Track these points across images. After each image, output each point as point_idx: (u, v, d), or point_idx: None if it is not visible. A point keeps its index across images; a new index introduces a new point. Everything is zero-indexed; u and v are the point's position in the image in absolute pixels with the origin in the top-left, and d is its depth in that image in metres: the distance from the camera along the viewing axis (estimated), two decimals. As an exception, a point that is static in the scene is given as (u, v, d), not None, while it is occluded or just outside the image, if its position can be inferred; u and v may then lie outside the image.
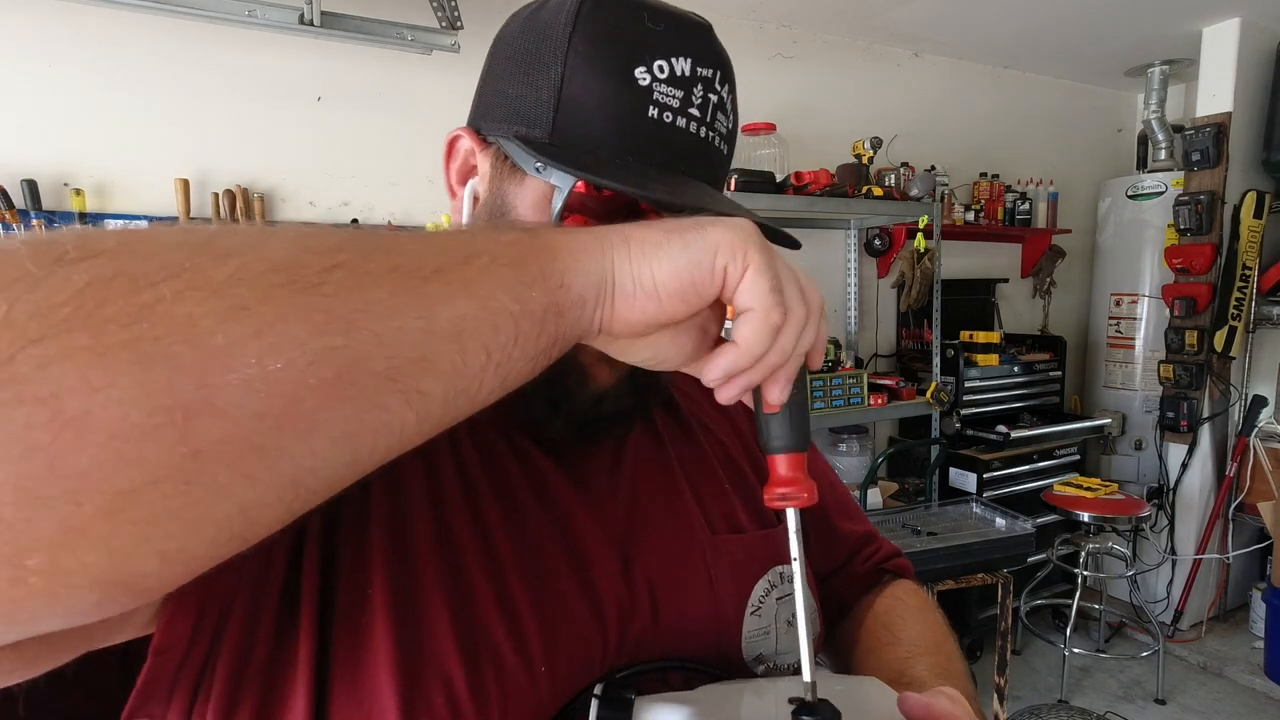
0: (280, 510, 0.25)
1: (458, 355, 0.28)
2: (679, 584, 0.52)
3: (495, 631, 0.44)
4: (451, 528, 0.46)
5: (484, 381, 0.30)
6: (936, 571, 2.19)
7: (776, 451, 0.40)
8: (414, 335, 0.27)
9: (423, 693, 0.41)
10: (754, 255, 0.34)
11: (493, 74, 0.50)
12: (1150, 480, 3.35)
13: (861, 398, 2.67)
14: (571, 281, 0.32)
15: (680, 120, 0.46)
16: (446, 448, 0.49)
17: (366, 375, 0.25)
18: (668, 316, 0.34)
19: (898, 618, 0.64)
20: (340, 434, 0.25)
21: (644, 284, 0.33)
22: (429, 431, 0.29)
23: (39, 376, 0.20)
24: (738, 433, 0.66)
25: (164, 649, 0.36)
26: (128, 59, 1.96)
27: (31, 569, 0.20)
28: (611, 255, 0.33)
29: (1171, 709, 2.71)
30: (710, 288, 0.34)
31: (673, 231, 0.34)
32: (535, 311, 0.31)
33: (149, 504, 0.21)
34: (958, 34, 3.03)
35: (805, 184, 2.49)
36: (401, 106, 2.26)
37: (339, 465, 0.26)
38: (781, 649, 0.55)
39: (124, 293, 0.21)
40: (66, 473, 0.20)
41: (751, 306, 0.34)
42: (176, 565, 0.23)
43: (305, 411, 0.24)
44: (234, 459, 0.23)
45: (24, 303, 0.20)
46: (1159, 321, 3.34)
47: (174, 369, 0.21)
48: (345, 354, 0.25)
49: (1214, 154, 2.99)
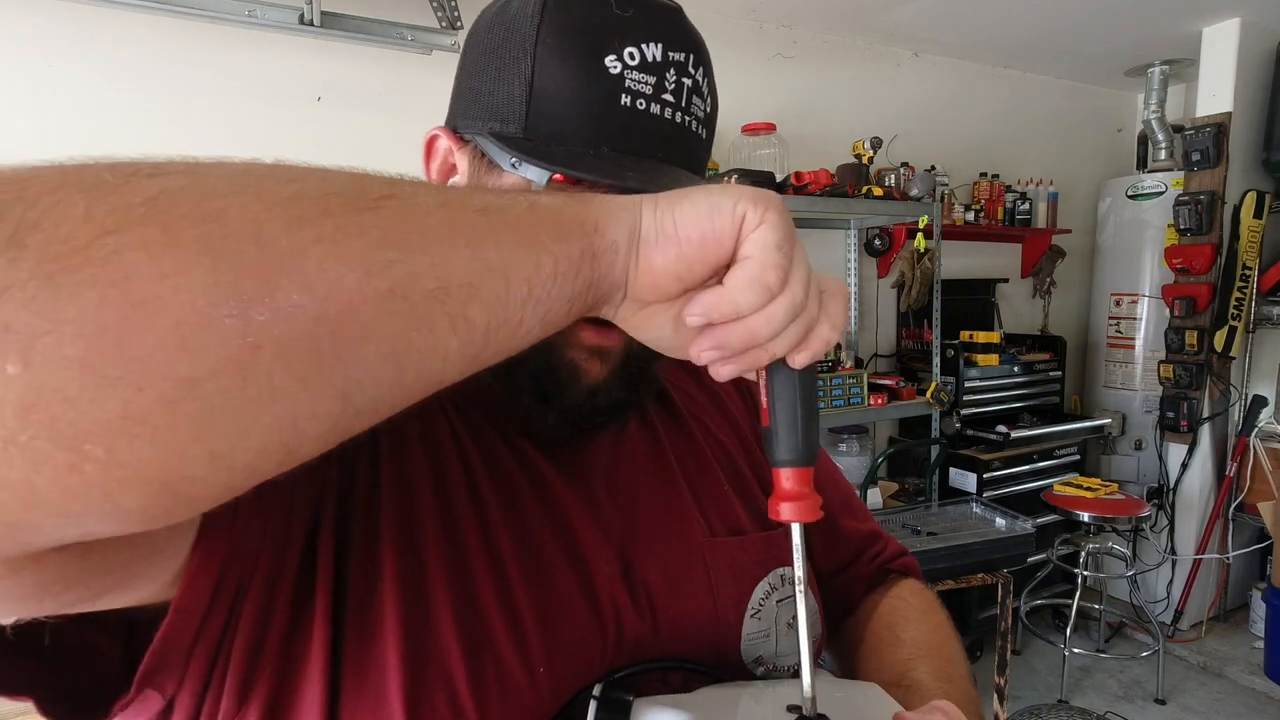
0: (326, 426, 0.26)
1: (502, 286, 0.29)
2: (678, 586, 0.52)
3: (497, 632, 0.44)
4: (457, 528, 0.47)
5: (524, 317, 0.30)
6: (936, 571, 2.19)
7: (782, 465, 0.39)
8: (463, 261, 0.27)
9: (427, 691, 0.41)
10: (773, 214, 0.34)
11: (466, 71, 0.50)
12: (1150, 480, 3.35)
13: (861, 398, 2.67)
14: (605, 227, 0.33)
15: (654, 107, 0.46)
16: (452, 448, 0.50)
17: (418, 293, 0.26)
18: (688, 265, 0.34)
19: (901, 618, 0.64)
20: (390, 350, 0.26)
21: (666, 229, 0.33)
22: (469, 365, 0.30)
23: (114, 261, 0.20)
24: (737, 432, 0.65)
25: (184, 607, 0.37)
26: (128, 59, 1.96)
27: (89, 455, 0.21)
28: (640, 206, 0.34)
29: (1171, 709, 2.71)
30: (729, 234, 0.33)
31: (699, 188, 0.35)
32: (573, 253, 0.31)
33: (206, 397, 0.22)
34: (958, 34, 3.03)
35: (805, 184, 2.49)
36: (401, 106, 2.26)
37: (386, 384, 0.27)
38: (781, 651, 0.55)
39: (194, 200, 0.23)
40: (132, 354, 0.21)
41: (749, 255, 0.33)
42: (223, 471, 0.24)
43: (359, 321, 0.25)
44: (290, 360, 0.23)
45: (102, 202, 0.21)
46: (1159, 321, 3.34)
47: (240, 265, 0.22)
48: (399, 269, 0.25)
49: (1214, 154, 2.99)
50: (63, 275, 0.20)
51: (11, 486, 0.20)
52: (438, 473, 0.48)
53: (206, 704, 0.40)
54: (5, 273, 0.20)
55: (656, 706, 0.42)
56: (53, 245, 0.20)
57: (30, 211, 0.20)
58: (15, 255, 0.20)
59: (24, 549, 0.23)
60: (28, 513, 0.21)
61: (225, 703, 0.39)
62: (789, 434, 0.39)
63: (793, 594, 0.57)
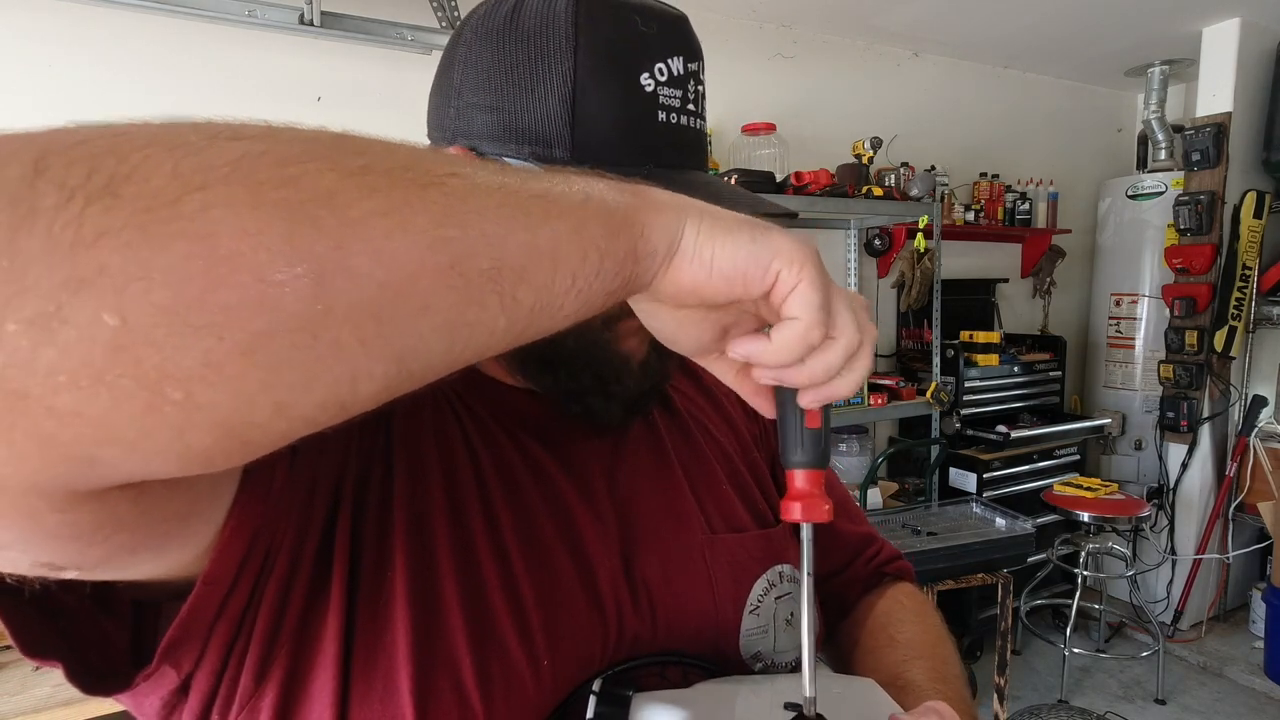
0: (380, 386, 0.27)
1: (550, 273, 0.30)
2: (678, 583, 0.53)
3: (503, 624, 0.45)
4: (465, 521, 0.48)
5: (565, 304, 0.31)
6: (936, 571, 2.19)
7: (797, 467, 0.40)
8: (517, 245, 0.28)
9: (434, 681, 0.42)
10: (810, 271, 0.35)
11: (469, 86, 0.48)
12: (1150, 480, 3.35)
13: (861, 398, 2.67)
14: (651, 234, 0.33)
15: (683, 119, 0.48)
16: (460, 443, 0.51)
17: (473, 271, 0.27)
18: (709, 293, 0.35)
19: (896, 620, 0.64)
20: (444, 321, 0.27)
21: (703, 255, 0.34)
22: (511, 341, 0.31)
23: (200, 217, 0.22)
24: (735, 434, 0.66)
25: (214, 578, 0.38)
26: (128, 58, 1.96)
27: (168, 398, 0.22)
28: (685, 220, 0.35)
29: (1171, 709, 2.71)
30: (758, 284, 0.35)
31: (745, 223, 0.36)
32: (619, 251, 0.32)
33: (278, 351, 0.23)
34: (958, 34, 3.03)
35: (805, 184, 2.49)
36: (401, 106, 2.26)
37: (437, 352, 0.28)
38: (780, 648, 0.56)
39: (273, 165, 0.24)
40: (215, 305, 0.22)
41: (798, 316, 0.35)
42: (283, 421, 0.25)
43: (420, 290, 0.26)
44: (356, 321, 0.25)
45: (189, 161, 0.22)
46: (1159, 321, 3.34)
47: (316, 229, 0.24)
48: (459, 245, 0.27)
49: (1214, 154, 2.99)
50: (154, 226, 0.21)
51: (94, 422, 0.22)
52: (447, 466, 0.49)
53: (224, 684, 0.41)
54: (101, 219, 0.21)
55: (655, 702, 0.42)
56: (144, 198, 0.21)
57: (122, 165, 0.22)
58: (110, 203, 0.21)
59: (92, 483, 0.24)
60: (104, 447, 0.22)
61: (244, 681, 0.40)
62: (808, 437, 0.40)
63: (790, 591, 0.58)
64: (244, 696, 0.41)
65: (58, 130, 0.23)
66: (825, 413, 0.40)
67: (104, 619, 0.39)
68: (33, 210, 0.20)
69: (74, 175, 0.21)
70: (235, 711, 0.41)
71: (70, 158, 0.21)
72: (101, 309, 0.21)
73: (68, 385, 0.21)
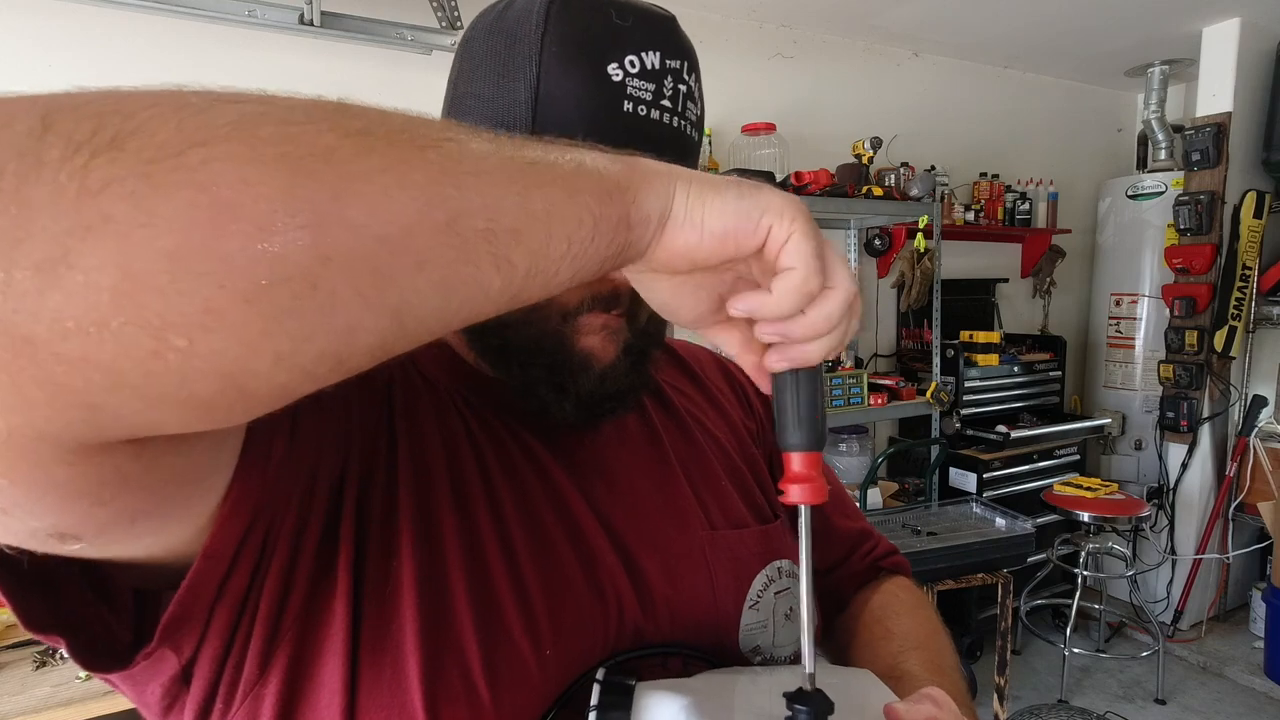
0: (375, 340, 0.28)
1: (544, 237, 0.30)
2: (679, 579, 0.54)
3: (509, 614, 0.46)
4: (470, 512, 0.48)
5: (559, 269, 0.32)
6: (936, 571, 2.19)
7: (793, 449, 0.40)
8: (511, 207, 0.29)
9: (443, 671, 0.43)
10: (801, 223, 0.35)
11: (464, 78, 0.52)
12: (1150, 480, 3.35)
13: (861, 398, 2.67)
14: (643, 200, 0.34)
15: (654, 113, 0.48)
16: (464, 436, 0.51)
17: (469, 230, 0.28)
18: (704, 254, 0.35)
19: (892, 613, 0.65)
20: (440, 278, 0.28)
21: (694, 216, 0.35)
22: (506, 304, 0.32)
23: (202, 168, 0.23)
24: (733, 431, 0.67)
25: (214, 553, 0.38)
26: (128, 59, 1.96)
27: (172, 344, 0.23)
28: (676, 185, 0.35)
29: (1171, 709, 2.71)
30: (750, 240, 0.35)
31: (733, 183, 0.36)
32: (612, 217, 0.33)
33: (278, 300, 0.24)
34: (958, 34, 3.03)
35: (805, 184, 2.49)
36: (401, 106, 2.26)
37: (433, 309, 0.29)
38: (779, 642, 0.57)
39: (274, 123, 0.25)
40: (217, 253, 0.22)
41: (793, 265, 0.35)
42: (283, 372, 0.26)
43: (417, 245, 0.27)
44: (354, 274, 0.25)
45: (192, 120, 0.23)
46: (1159, 321, 3.34)
47: (315, 181, 0.24)
48: (455, 204, 0.27)
49: (1214, 154, 2.99)
50: (159, 175, 0.22)
51: (101, 368, 0.22)
52: (451, 460, 0.50)
53: (227, 671, 0.41)
54: (107, 169, 0.21)
55: (658, 690, 0.43)
56: (149, 150, 0.22)
57: (128, 122, 0.23)
58: (115, 155, 0.22)
59: (100, 433, 0.25)
60: (110, 394, 0.23)
61: (248, 668, 0.40)
62: (804, 418, 0.40)
63: (789, 586, 0.59)
64: (248, 684, 0.41)
65: (63, 93, 0.24)
66: (818, 393, 0.40)
67: (104, 609, 0.39)
68: (39, 162, 0.21)
69: (81, 130, 0.22)
70: (239, 700, 0.41)
71: (78, 115, 0.22)
72: (107, 255, 0.21)
73: (75, 331, 0.21)
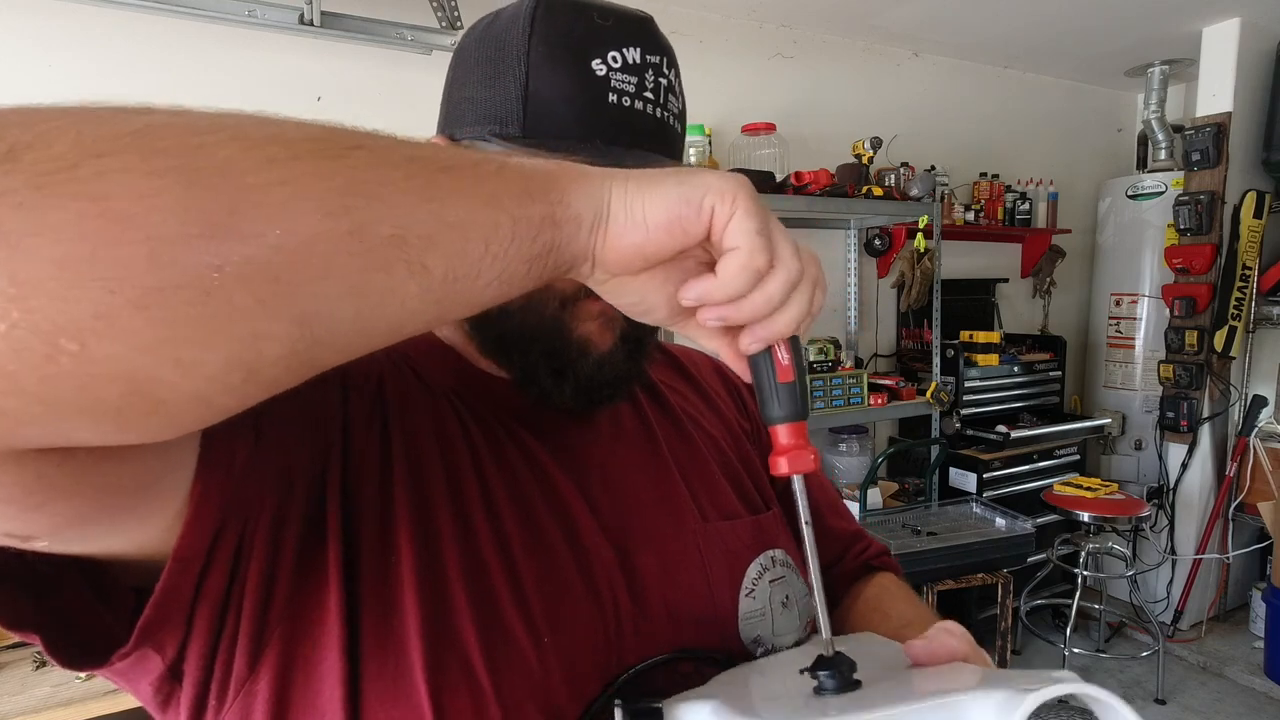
0: (285, 349, 0.28)
1: (459, 241, 0.31)
2: (674, 572, 0.55)
3: (505, 606, 0.46)
4: (465, 508, 0.49)
5: (481, 272, 0.32)
6: (936, 571, 2.19)
7: (778, 421, 0.41)
8: (421, 214, 0.30)
9: (446, 665, 0.43)
10: (743, 200, 0.35)
11: (458, 83, 0.55)
12: (1150, 480, 3.35)
13: (861, 398, 2.67)
14: (571, 200, 0.34)
15: (638, 104, 0.50)
16: (458, 431, 0.52)
17: (375, 238, 0.28)
18: (654, 248, 0.35)
19: (888, 599, 0.67)
20: (348, 286, 0.28)
21: (634, 214, 0.35)
22: (434, 310, 0.32)
23: (96, 180, 0.23)
24: (727, 427, 0.68)
25: (184, 555, 0.38)
26: (128, 58, 1.96)
27: (64, 349, 0.23)
28: (610, 185, 0.35)
29: (1171, 709, 2.71)
30: (696, 224, 0.35)
31: (670, 172, 0.36)
32: (534, 217, 0.33)
33: (171, 306, 0.24)
34: (958, 34, 3.03)
35: (805, 184, 2.49)
36: (401, 106, 2.26)
37: (345, 317, 0.29)
38: (779, 630, 0.57)
39: (176, 135, 0.25)
40: (106, 261, 0.23)
41: (736, 245, 0.35)
42: (189, 380, 0.26)
43: (318, 255, 0.27)
44: (250, 281, 0.25)
45: (92, 131, 0.24)
46: (1159, 321, 3.34)
47: (210, 193, 0.25)
48: (359, 214, 0.28)
49: (1214, 154, 2.99)
50: (51, 187, 0.23)
51: None
52: (445, 452, 0.50)
53: (217, 668, 0.41)
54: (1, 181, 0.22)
55: (684, 702, 0.43)
56: (44, 162, 0.23)
57: (25, 134, 0.23)
58: (10, 168, 0.23)
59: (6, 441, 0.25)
60: (7, 398, 0.24)
61: (237, 665, 0.41)
62: (784, 391, 0.40)
63: (784, 575, 0.59)
64: (239, 680, 0.41)
65: None
66: (799, 364, 0.40)
67: (101, 607, 0.39)
68: None
69: None
70: (231, 696, 0.41)
71: None
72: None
73: None
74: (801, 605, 0.59)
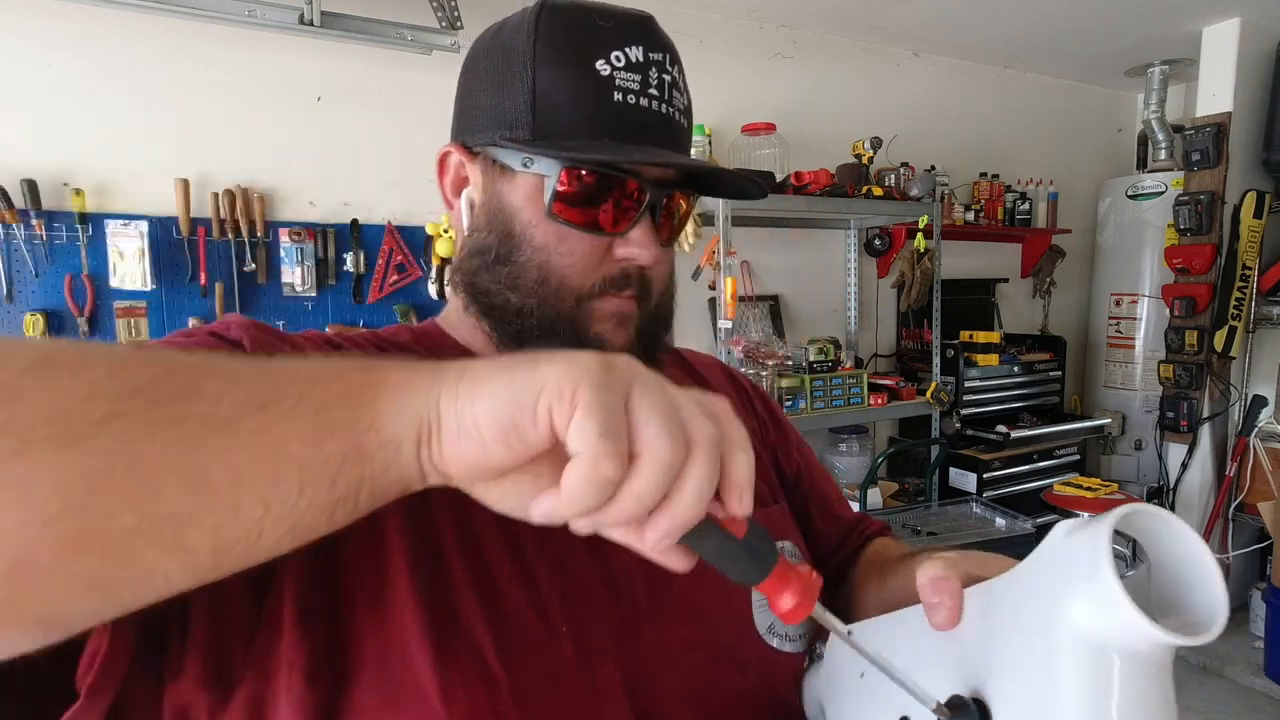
0: (36, 639, 0.27)
1: (228, 510, 0.28)
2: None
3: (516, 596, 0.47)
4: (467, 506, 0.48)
5: (263, 532, 0.29)
6: (936, 571, 2.18)
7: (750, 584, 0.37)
8: (175, 492, 0.27)
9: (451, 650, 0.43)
10: (584, 393, 0.29)
11: (468, 92, 0.56)
12: (1150, 480, 3.35)
13: (861, 398, 2.67)
14: (384, 424, 0.30)
15: (643, 100, 0.51)
16: None
17: (114, 532, 0.26)
18: (495, 462, 0.31)
19: (886, 552, 0.68)
20: (85, 584, 0.26)
21: (466, 424, 0.30)
22: (205, 578, 0.29)
23: None
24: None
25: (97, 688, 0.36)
26: (128, 58, 1.96)
27: None
28: (439, 391, 0.31)
29: (1171, 709, 2.71)
30: (534, 432, 0.30)
31: (504, 368, 0.31)
32: (330, 459, 0.29)
33: None
34: (958, 34, 3.03)
35: (805, 184, 2.49)
36: (401, 106, 2.26)
37: (90, 611, 0.28)
38: None
39: None
40: None
41: (578, 452, 0.29)
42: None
43: (40, 565, 0.25)
44: None
45: None
46: (1159, 321, 3.34)
47: None
48: (89, 514, 0.25)
49: (1214, 154, 2.99)
50: None
51: None
52: None
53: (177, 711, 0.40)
54: None
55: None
56: None
57: None
58: None
59: None
60: None
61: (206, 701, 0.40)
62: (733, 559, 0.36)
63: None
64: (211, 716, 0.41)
65: None
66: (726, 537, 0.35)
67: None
68: None
69: None
70: None
71: None
72: None
73: None
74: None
